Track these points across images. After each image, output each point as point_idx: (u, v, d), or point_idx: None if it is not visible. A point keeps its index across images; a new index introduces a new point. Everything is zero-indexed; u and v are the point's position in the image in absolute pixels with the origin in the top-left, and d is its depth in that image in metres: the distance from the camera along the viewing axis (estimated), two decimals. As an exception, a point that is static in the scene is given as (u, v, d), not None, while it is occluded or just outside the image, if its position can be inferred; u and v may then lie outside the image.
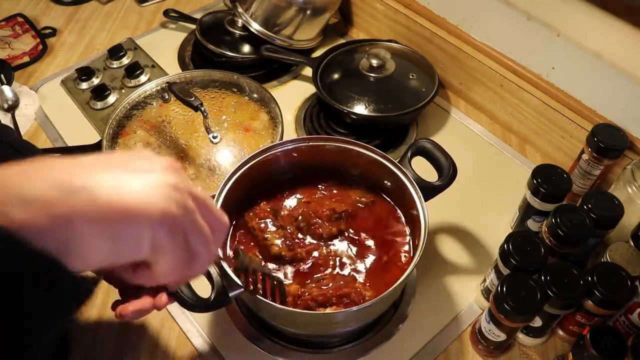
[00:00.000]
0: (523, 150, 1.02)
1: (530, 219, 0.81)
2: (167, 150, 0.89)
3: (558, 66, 0.92)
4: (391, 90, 1.01)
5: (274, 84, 1.14)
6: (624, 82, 0.83)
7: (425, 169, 0.76)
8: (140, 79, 1.12)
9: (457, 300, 0.81)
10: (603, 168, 0.83)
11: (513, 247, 0.69)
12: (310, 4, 1.11)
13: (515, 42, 0.97)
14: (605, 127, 0.83)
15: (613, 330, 0.64)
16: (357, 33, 1.27)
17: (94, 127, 1.05)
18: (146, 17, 1.32)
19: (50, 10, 1.33)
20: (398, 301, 0.78)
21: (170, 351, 0.76)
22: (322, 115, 1.06)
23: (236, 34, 1.15)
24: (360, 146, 0.78)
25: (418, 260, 0.65)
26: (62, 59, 1.21)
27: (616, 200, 0.74)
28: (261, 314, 0.71)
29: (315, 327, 0.70)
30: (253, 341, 0.75)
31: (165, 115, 0.95)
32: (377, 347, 0.74)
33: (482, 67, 1.02)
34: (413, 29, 1.12)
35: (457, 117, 1.08)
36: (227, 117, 0.94)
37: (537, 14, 0.91)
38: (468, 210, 0.91)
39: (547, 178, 0.77)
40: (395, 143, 1.02)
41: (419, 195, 0.71)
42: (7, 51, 1.20)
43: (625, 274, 0.66)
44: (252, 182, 0.76)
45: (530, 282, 0.65)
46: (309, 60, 1.09)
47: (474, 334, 0.75)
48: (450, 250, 0.86)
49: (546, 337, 0.76)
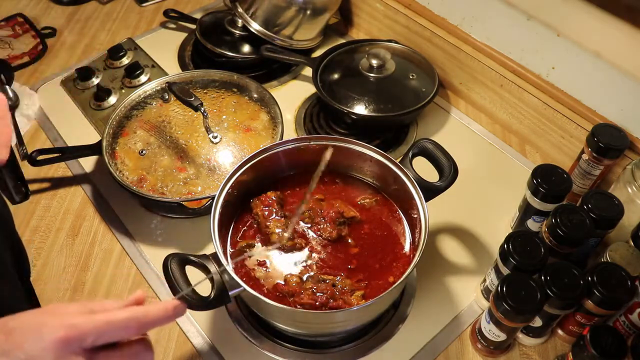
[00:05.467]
0: (523, 150, 1.02)
1: (530, 219, 0.81)
2: (167, 150, 0.89)
3: (558, 66, 0.92)
4: (391, 90, 1.01)
5: (274, 84, 1.14)
6: (624, 82, 0.83)
7: (425, 169, 0.76)
8: (140, 79, 1.12)
9: (457, 300, 0.81)
10: (603, 168, 0.83)
11: (513, 247, 0.69)
12: (310, 4, 1.11)
13: (515, 42, 0.97)
14: (605, 127, 0.83)
15: (613, 330, 0.64)
16: (357, 33, 1.27)
17: (94, 127, 1.05)
18: (146, 17, 1.32)
19: (50, 10, 1.33)
20: (398, 301, 0.78)
21: (170, 351, 0.76)
22: (322, 115, 1.06)
23: (236, 34, 1.15)
24: (360, 146, 0.78)
25: (418, 260, 0.65)
26: (62, 59, 1.21)
27: (616, 200, 0.74)
28: (261, 313, 0.71)
29: (315, 326, 0.70)
30: (253, 341, 0.75)
31: (165, 115, 0.95)
32: (377, 347, 0.74)
33: (482, 67, 1.02)
34: (413, 29, 1.12)
35: (457, 117, 1.08)
36: (227, 117, 0.94)
37: (537, 14, 0.91)
38: (468, 210, 0.91)
39: (547, 178, 0.77)
40: (395, 143, 1.02)
41: (420, 196, 0.71)
42: (7, 51, 1.20)
43: (625, 274, 0.66)
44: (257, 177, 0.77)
45: (530, 282, 0.65)
46: (309, 60, 1.09)
47: (474, 334, 0.75)
48: (450, 250, 0.86)
49: (546, 337, 0.76)
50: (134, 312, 0.47)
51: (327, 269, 0.73)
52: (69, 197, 0.95)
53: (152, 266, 0.85)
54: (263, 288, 0.70)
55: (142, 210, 0.92)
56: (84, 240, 0.89)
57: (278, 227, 0.74)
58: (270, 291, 0.70)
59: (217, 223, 0.70)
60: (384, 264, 0.73)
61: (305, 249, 0.75)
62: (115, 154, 0.89)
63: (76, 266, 0.85)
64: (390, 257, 0.74)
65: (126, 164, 0.88)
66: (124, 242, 0.88)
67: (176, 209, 0.85)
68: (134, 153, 0.89)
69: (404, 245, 0.76)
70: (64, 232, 0.90)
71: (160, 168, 0.87)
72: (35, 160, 0.92)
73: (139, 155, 0.89)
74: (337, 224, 0.76)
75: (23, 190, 0.77)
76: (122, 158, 0.89)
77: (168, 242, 0.88)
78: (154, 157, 0.89)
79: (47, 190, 0.96)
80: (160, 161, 0.88)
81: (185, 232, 0.89)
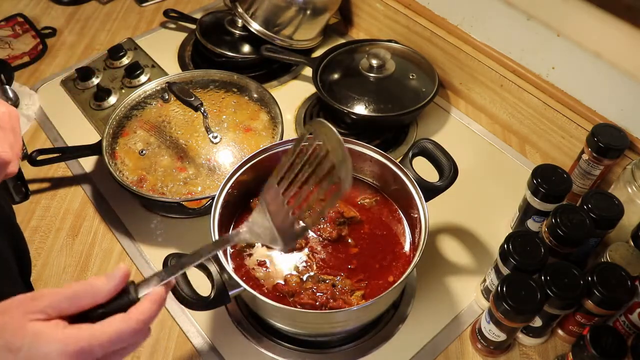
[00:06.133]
0: (523, 150, 1.02)
1: (530, 219, 0.81)
2: (167, 150, 0.89)
3: (558, 66, 0.92)
4: (391, 90, 1.01)
5: (274, 84, 1.14)
6: (624, 82, 0.83)
7: (425, 169, 0.76)
8: (140, 79, 1.12)
9: (457, 300, 0.81)
10: (603, 168, 0.83)
11: (513, 247, 0.69)
12: (310, 4, 1.11)
13: (515, 42, 0.97)
14: (605, 127, 0.83)
15: (613, 330, 0.64)
16: (357, 33, 1.27)
17: (94, 127, 1.05)
18: (146, 17, 1.32)
19: (50, 10, 1.34)
20: (398, 301, 0.78)
21: (170, 351, 0.76)
22: (322, 115, 1.06)
23: (236, 34, 1.15)
24: (360, 146, 0.78)
25: (418, 260, 0.65)
26: (62, 59, 1.21)
27: (616, 200, 0.74)
28: (261, 313, 0.71)
29: (315, 326, 0.70)
30: (253, 341, 0.75)
31: (165, 115, 0.95)
32: (377, 347, 0.74)
33: (482, 67, 1.02)
34: (413, 29, 1.12)
35: (457, 117, 1.08)
36: (227, 117, 0.94)
37: (537, 14, 0.91)
38: (468, 210, 0.91)
39: (547, 178, 0.77)
40: (395, 143, 1.02)
41: (420, 196, 0.71)
42: (7, 51, 1.20)
43: (625, 274, 0.66)
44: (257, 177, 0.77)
45: (530, 282, 0.65)
46: (309, 60, 1.09)
47: (474, 334, 0.75)
48: (450, 250, 0.86)
49: (546, 337, 0.76)
50: (133, 322, 0.45)
51: (327, 269, 0.73)
52: (69, 197, 0.95)
53: (152, 266, 0.85)
54: (263, 288, 0.70)
55: (142, 210, 0.92)
56: (84, 240, 0.89)
57: None
58: (270, 291, 0.70)
59: (217, 223, 0.70)
60: (384, 264, 0.73)
61: (305, 249, 0.75)
62: (115, 154, 0.89)
63: (76, 266, 0.85)
64: (390, 257, 0.74)
65: (126, 164, 0.88)
66: (124, 242, 0.88)
67: (176, 209, 0.85)
68: (134, 153, 0.89)
69: (404, 245, 0.76)
70: (64, 232, 0.90)
71: (160, 168, 0.87)
72: (35, 160, 0.92)
73: (139, 155, 0.89)
74: (337, 224, 0.76)
75: (23, 190, 0.77)
76: (122, 158, 0.89)
77: (168, 242, 0.88)
78: (154, 157, 0.89)
79: (47, 190, 0.96)
80: (160, 161, 0.88)
81: (185, 232, 0.89)
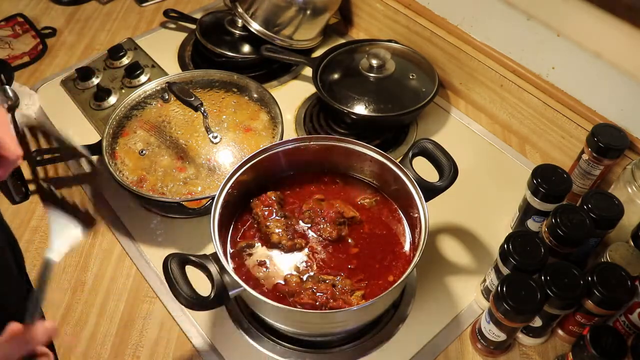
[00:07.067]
0: (523, 150, 1.02)
1: (530, 219, 0.81)
2: (167, 150, 0.89)
3: (558, 66, 0.92)
4: (391, 90, 1.01)
5: (274, 84, 1.14)
6: (624, 82, 0.83)
7: (425, 169, 0.76)
8: (140, 79, 1.12)
9: (457, 300, 0.81)
10: (603, 168, 0.83)
11: (513, 247, 0.69)
12: (310, 4, 1.11)
13: (515, 42, 0.97)
14: (605, 127, 0.83)
15: (613, 330, 0.64)
16: (357, 33, 1.27)
17: (94, 127, 1.05)
18: (146, 17, 1.32)
19: (50, 10, 1.33)
20: (398, 301, 0.78)
21: (170, 351, 0.76)
22: (322, 115, 1.06)
23: (236, 34, 1.15)
24: (360, 146, 0.78)
25: (418, 260, 0.65)
26: (62, 59, 1.21)
27: (616, 200, 0.74)
28: (261, 313, 0.71)
29: (315, 326, 0.70)
30: (253, 341, 0.75)
31: (165, 115, 0.95)
32: (377, 347, 0.74)
33: (482, 67, 1.02)
34: (413, 29, 1.12)
35: (457, 117, 1.08)
36: (227, 117, 0.94)
37: (537, 14, 0.91)
38: (468, 210, 0.91)
39: (547, 178, 0.77)
40: (395, 143, 1.02)
41: (420, 196, 0.71)
42: (7, 51, 1.20)
43: (625, 274, 0.66)
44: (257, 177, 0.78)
45: (530, 282, 0.65)
46: (309, 60, 1.09)
47: (474, 334, 0.75)
48: (450, 250, 0.86)
49: (546, 337, 0.76)
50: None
51: (327, 269, 0.73)
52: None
53: (152, 266, 0.85)
54: (263, 288, 0.70)
55: (142, 210, 0.92)
56: (84, 241, 0.88)
57: (278, 227, 0.74)
58: (270, 291, 0.70)
59: (217, 223, 0.70)
60: (384, 264, 0.73)
61: (305, 249, 0.75)
62: (115, 154, 0.89)
63: (76, 266, 0.85)
64: (390, 257, 0.74)
65: (126, 164, 0.88)
66: (124, 242, 0.88)
67: (176, 209, 0.85)
68: (134, 153, 0.89)
69: (404, 245, 0.76)
70: (64, 232, 0.90)
71: (160, 168, 0.87)
72: (35, 160, 0.92)
73: (139, 155, 0.89)
74: (337, 224, 0.76)
75: (23, 190, 0.77)
76: (122, 158, 0.89)
77: (168, 242, 0.88)
78: (154, 157, 0.89)
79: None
80: (160, 161, 0.88)
81: (185, 232, 0.89)
